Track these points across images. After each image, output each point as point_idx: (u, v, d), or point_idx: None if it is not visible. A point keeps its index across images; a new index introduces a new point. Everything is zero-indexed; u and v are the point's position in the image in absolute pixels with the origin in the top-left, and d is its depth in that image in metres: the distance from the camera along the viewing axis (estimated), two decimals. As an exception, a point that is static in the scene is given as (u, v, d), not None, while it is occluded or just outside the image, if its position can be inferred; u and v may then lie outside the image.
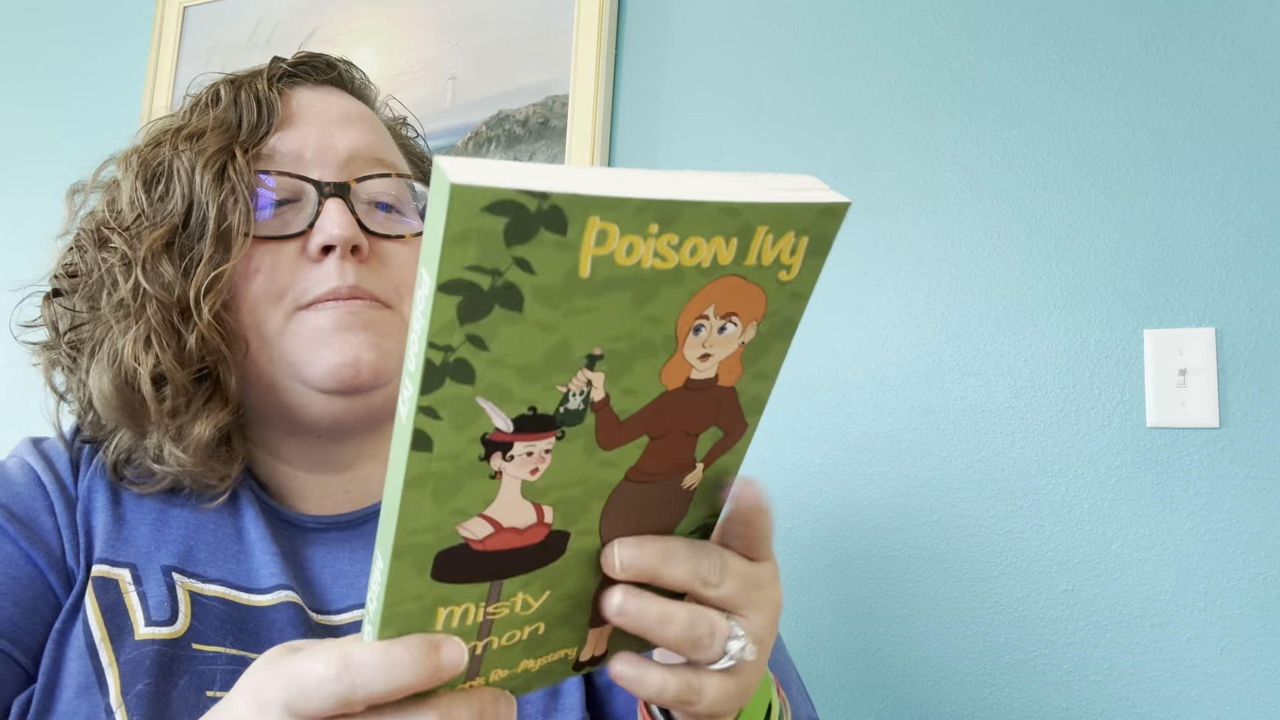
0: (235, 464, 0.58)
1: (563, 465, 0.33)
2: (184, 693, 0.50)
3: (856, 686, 1.00)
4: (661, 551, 0.37)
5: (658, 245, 0.29)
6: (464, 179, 0.25)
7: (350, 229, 0.56)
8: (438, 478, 0.30)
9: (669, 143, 1.18)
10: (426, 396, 0.28)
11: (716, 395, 0.35)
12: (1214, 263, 0.92)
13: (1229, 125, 0.93)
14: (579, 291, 0.29)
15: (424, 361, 0.28)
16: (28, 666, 0.51)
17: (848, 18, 1.12)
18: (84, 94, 1.62)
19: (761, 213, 0.30)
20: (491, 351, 0.29)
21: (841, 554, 1.02)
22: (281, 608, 0.55)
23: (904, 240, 1.05)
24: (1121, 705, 0.90)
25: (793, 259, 0.33)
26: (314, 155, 0.59)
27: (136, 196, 0.57)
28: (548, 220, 0.27)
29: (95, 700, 0.49)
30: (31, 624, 0.52)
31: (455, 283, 0.27)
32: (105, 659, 0.51)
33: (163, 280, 0.55)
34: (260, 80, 0.60)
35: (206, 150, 0.56)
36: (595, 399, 0.32)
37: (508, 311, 0.28)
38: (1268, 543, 0.87)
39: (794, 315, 0.35)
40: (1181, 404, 0.91)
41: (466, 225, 0.26)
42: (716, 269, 0.31)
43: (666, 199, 0.28)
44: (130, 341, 0.54)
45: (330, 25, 1.41)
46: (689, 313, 0.32)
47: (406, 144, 0.69)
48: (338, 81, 0.65)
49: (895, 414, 1.02)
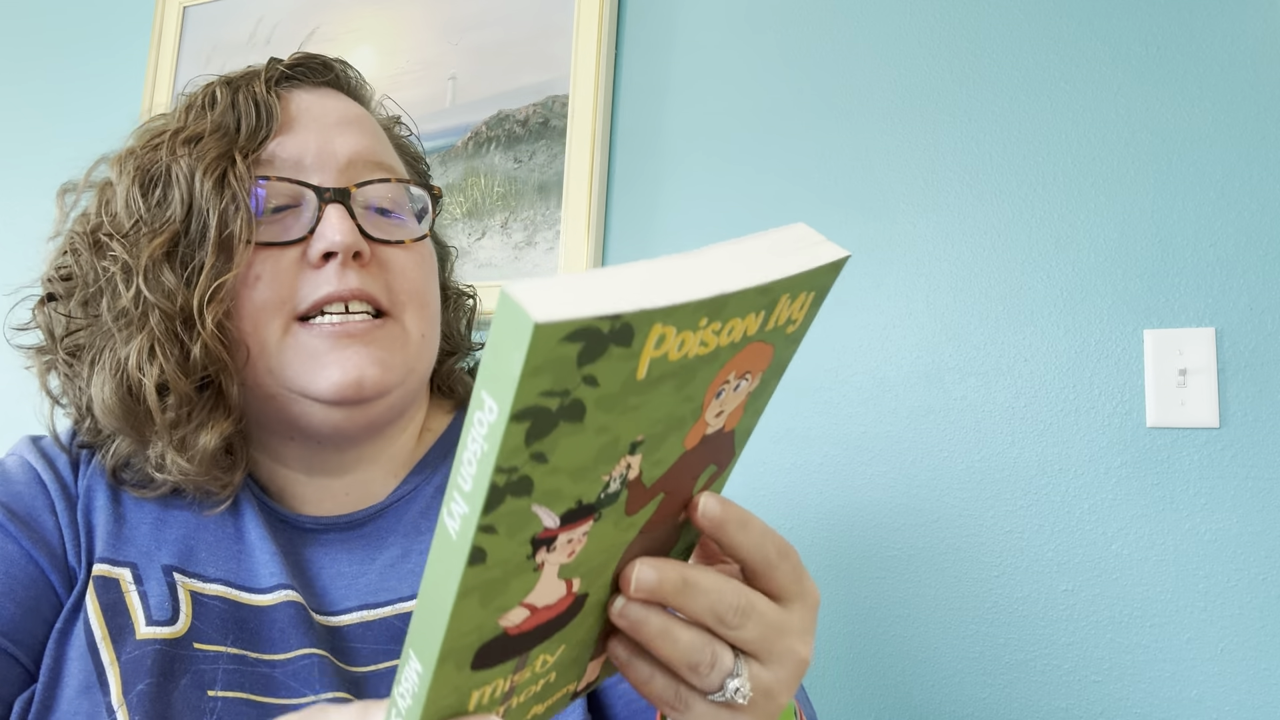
0: (238, 471, 0.58)
1: (596, 541, 0.33)
2: (185, 692, 0.50)
3: (856, 686, 1.00)
4: (679, 581, 0.36)
5: (704, 335, 0.30)
6: (546, 316, 0.25)
7: (351, 235, 0.56)
8: (487, 584, 0.30)
9: (669, 143, 1.18)
10: (488, 516, 0.28)
11: (720, 440, 0.36)
12: (1214, 263, 0.92)
13: (1229, 125, 0.93)
14: (633, 391, 0.29)
15: (489, 485, 0.28)
16: (29, 666, 0.51)
17: (848, 18, 1.12)
18: (83, 94, 1.62)
19: (787, 284, 0.32)
20: (551, 462, 0.29)
21: (841, 554, 1.02)
22: (283, 607, 0.54)
23: (904, 240, 1.05)
24: (1121, 705, 0.90)
25: (801, 313, 0.34)
26: (314, 160, 0.58)
27: (133, 201, 0.57)
28: (618, 337, 0.27)
29: (96, 699, 0.49)
30: (33, 623, 0.52)
31: (527, 410, 0.27)
32: (106, 658, 0.51)
33: (165, 289, 0.54)
34: (258, 82, 0.60)
35: (206, 155, 0.56)
36: (631, 478, 0.33)
37: (570, 424, 0.28)
38: (1268, 543, 0.87)
39: (789, 357, 0.36)
40: (1181, 404, 0.91)
41: (545, 358, 0.26)
42: (744, 340, 0.32)
43: (719, 294, 0.29)
44: (134, 351, 0.54)
45: (330, 25, 1.41)
46: (716, 383, 0.33)
47: (402, 143, 0.69)
48: (335, 83, 0.65)
49: (895, 414, 1.02)
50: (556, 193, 1.21)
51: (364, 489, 0.62)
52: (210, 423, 0.55)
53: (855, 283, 1.06)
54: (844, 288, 1.06)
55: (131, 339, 0.54)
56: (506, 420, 0.26)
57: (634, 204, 1.19)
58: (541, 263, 1.20)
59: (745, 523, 0.37)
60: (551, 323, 0.25)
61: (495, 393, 0.27)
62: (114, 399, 0.54)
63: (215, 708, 0.50)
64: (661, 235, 1.17)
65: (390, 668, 0.55)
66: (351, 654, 0.55)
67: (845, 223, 1.08)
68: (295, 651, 0.53)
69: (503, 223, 1.24)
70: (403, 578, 0.58)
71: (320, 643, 0.54)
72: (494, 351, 0.26)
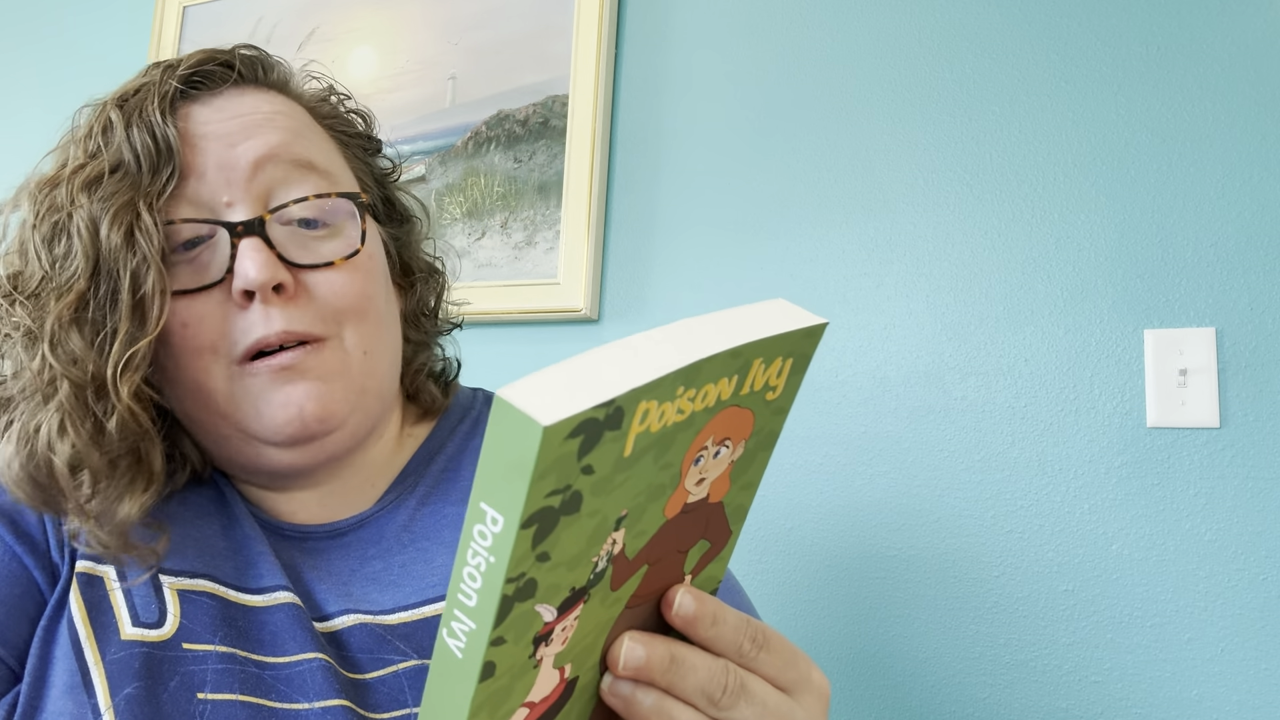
0: (162, 539, 0.54)
1: (585, 622, 0.33)
2: (174, 695, 0.49)
3: (856, 687, 1.00)
4: (667, 658, 0.35)
5: (680, 403, 0.30)
6: (552, 417, 0.24)
7: (268, 270, 0.51)
8: (495, 694, 0.30)
9: (669, 143, 1.18)
10: (498, 629, 0.28)
11: (706, 512, 0.36)
12: (1214, 263, 0.92)
13: (1229, 125, 0.93)
14: (621, 469, 0.29)
15: (499, 599, 0.27)
16: (14, 666, 0.51)
17: (848, 18, 1.12)
18: (83, 94, 1.61)
19: (758, 348, 0.32)
20: (553, 559, 0.28)
21: (841, 554, 1.02)
22: (281, 609, 0.53)
23: (904, 240, 1.05)
24: (1121, 705, 0.90)
25: (779, 380, 0.34)
26: (216, 178, 0.54)
27: (35, 252, 0.52)
28: (611, 422, 0.27)
29: (82, 700, 0.48)
30: (17, 623, 0.51)
31: (535, 514, 0.26)
32: (91, 658, 0.49)
33: (74, 357, 0.50)
34: (151, 107, 0.54)
35: (110, 205, 0.51)
36: (615, 553, 0.32)
37: (570, 516, 0.28)
38: (1268, 543, 0.87)
39: (777, 428, 0.36)
40: (1182, 404, 0.91)
41: (552, 459, 0.25)
42: (719, 405, 0.32)
43: (692, 363, 0.29)
44: (43, 424, 0.49)
45: (330, 25, 1.41)
46: (693, 449, 0.33)
47: (334, 118, 0.63)
48: (239, 80, 0.58)
49: (895, 414, 1.02)
50: (556, 193, 1.20)
51: (340, 498, 0.60)
52: (129, 495, 0.51)
53: (855, 283, 1.06)
54: (844, 287, 1.06)
55: (39, 409, 0.50)
56: (516, 530, 0.26)
57: (634, 204, 1.19)
58: (541, 263, 1.20)
59: (717, 618, 0.36)
60: (557, 423, 0.24)
61: (499, 503, 0.26)
62: (21, 472, 0.50)
63: (205, 711, 0.49)
64: (661, 235, 1.17)
65: (380, 676, 0.53)
66: (351, 660, 0.54)
67: (845, 223, 1.08)
68: (296, 655, 0.52)
69: (503, 223, 1.24)
70: (384, 590, 0.57)
71: (322, 647, 0.52)
72: (495, 460, 0.25)
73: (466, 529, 0.27)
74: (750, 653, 0.37)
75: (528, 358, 1.19)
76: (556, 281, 1.18)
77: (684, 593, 0.36)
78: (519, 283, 1.20)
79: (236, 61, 0.58)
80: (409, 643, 0.54)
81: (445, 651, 0.29)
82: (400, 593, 0.56)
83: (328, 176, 0.57)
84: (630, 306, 1.17)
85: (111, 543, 0.51)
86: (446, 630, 0.29)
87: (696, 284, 1.14)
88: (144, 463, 0.52)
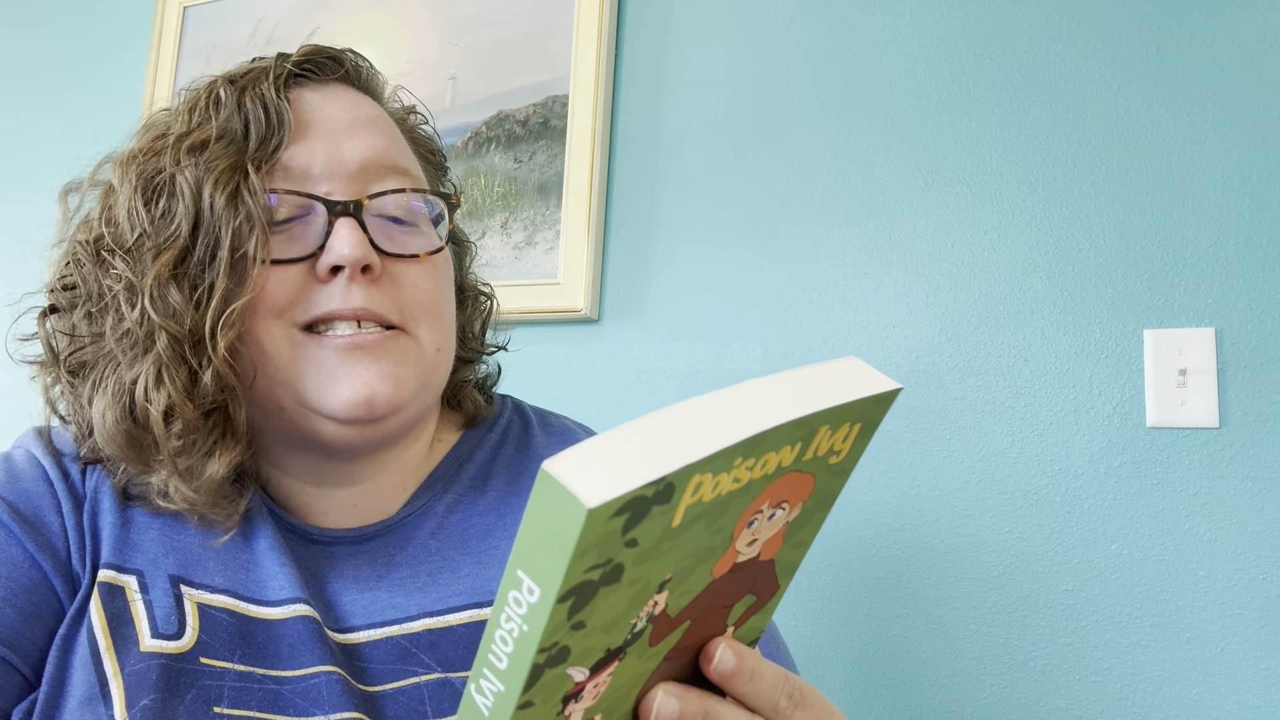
0: (244, 499, 0.56)
1: (620, 677, 0.33)
2: (191, 708, 0.49)
3: (857, 687, 1.00)
4: (701, 713, 0.35)
5: (737, 473, 0.29)
6: (598, 499, 0.23)
7: (361, 249, 0.53)
8: None
9: (669, 143, 1.18)
10: (526, 694, 0.27)
11: (755, 569, 0.35)
12: (1214, 263, 0.92)
13: (1229, 125, 0.93)
14: (668, 538, 0.28)
15: (530, 667, 0.27)
16: (29, 675, 0.50)
17: (848, 17, 1.12)
18: (84, 94, 1.62)
19: (825, 416, 0.30)
20: (588, 626, 0.28)
21: (841, 554, 1.02)
22: (295, 622, 0.53)
23: (904, 240, 1.05)
24: (1121, 705, 0.90)
25: (844, 445, 0.33)
26: (323, 169, 0.56)
27: (136, 212, 0.53)
28: (660, 498, 0.26)
29: (99, 711, 0.48)
30: (34, 631, 0.50)
31: (573, 589, 0.26)
32: (110, 669, 0.49)
33: (172, 310, 0.51)
34: (265, 83, 0.56)
35: (215, 166, 0.53)
36: (656, 613, 0.32)
37: (609, 587, 0.27)
38: (1268, 543, 0.87)
39: (837, 489, 0.35)
40: (1181, 404, 0.91)
41: (595, 537, 0.25)
42: (779, 471, 0.31)
43: (754, 435, 0.27)
44: (140, 375, 0.51)
45: (330, 25, 1.41)
46: (748, 514, 0.32)
47: (416, 136, 0.66)
48: (345, 78, 0.61)
49: (895, 414, 1.02)
50: (556, 193, 1.21)
51: (372, 500, 0.60)
52: (218, 451, 0.53)
53: (855, 283, 1.06)
54: (844, 287, 1.06)
55: (137, 361, 0.52)
56: (552, 604, 0.25)
57: (634, 204, 1.19)
58: (541, 263, 1.20)
59: (755, 674, 0.36)
60: (602, 505, 0.24)
61: (536, 575, 0.25)
62: (116, 426, 0.52)
63: None
64: (661, 235, 1.17)
65: (400, 688, 0.53)
66: (365, 672, 0.53)
67: (845, 223, 1.08)
68: (307, 669, 0.51)
69: (503, 223, 1.24)
70: (409, 595, 0.57)
71: (335, 660, 0.52)
72: (536, 531, 0.25)
73: (502, 593, 0.27)
74: (786, 709, 0.37)
75: (528, 358, 1.19)
76: (556, 281, 1.18)
77: (724, 647, 0.36)
78: (519, 283, 1.20)
79: (346, 60, 0.62)
80: (432, 654, 0.54)
81: (472, 706, 0.29)
82: (425, 599, 0.56)
83: (418, 184, 0.61)
84: (630, 306, 1.17)
85: (200, 500, 0.53)
86: (474, 686, 0.28)
87: (696, 284, 1.14)
88: (232, 421, 0.53)
